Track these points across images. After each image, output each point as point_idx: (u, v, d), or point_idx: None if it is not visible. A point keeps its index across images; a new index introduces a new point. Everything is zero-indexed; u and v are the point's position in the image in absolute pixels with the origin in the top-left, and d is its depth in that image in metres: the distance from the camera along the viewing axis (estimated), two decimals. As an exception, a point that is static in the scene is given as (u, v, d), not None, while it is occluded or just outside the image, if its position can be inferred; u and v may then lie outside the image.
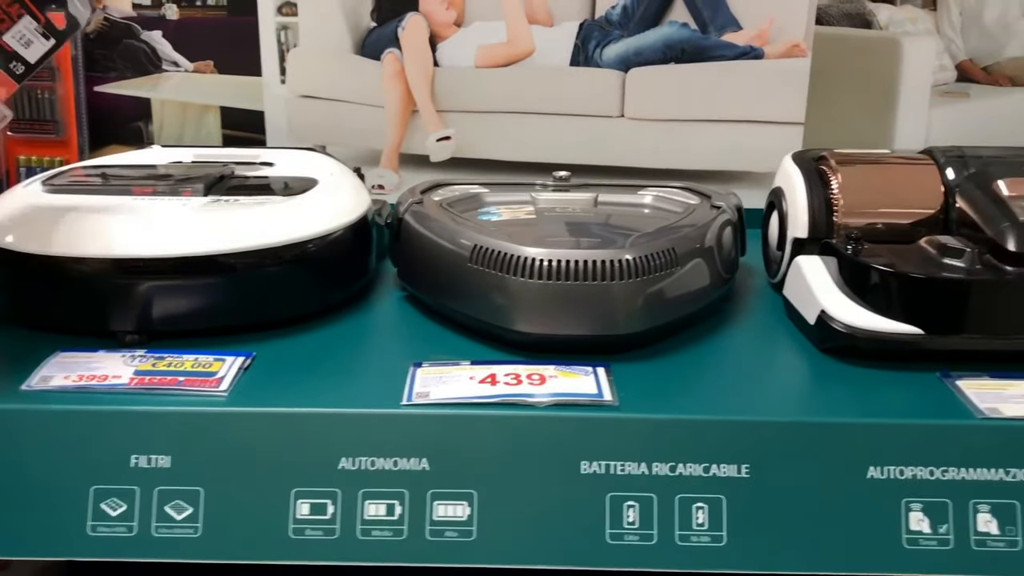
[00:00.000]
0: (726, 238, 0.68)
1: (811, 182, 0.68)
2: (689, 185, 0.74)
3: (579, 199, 0.73)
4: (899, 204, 0.66)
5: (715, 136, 0.86)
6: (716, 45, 0.84)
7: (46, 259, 0.59)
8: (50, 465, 0.52)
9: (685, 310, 0.63)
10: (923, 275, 0.58)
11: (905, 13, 0.83)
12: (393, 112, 0.87)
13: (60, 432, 0.52)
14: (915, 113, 0.85)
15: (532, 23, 0.85)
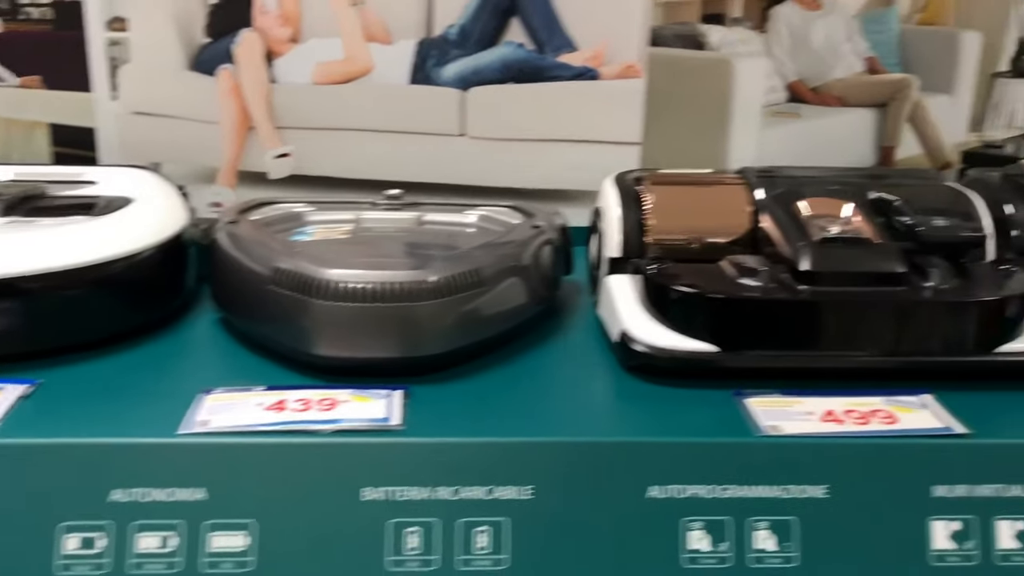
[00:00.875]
0: (544, 257, 0.68)
1: (626, 202, 0.69)
2: (516, 204, 0.75)
3: (404, 218, 0.72)
4: (708, 224, 0.67)
5: (555, 155, 0.87)
6: (553, 66, 0.85)
7: None
8: None
9: (494, 330, 0.63)
10: (714, 293, 0.59)
11: (735, 34, 0.85)
12: (229, 129, 0.86)
13: None
14: (748, 132, 0.87)
15: (370, 41, 0.84)
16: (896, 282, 0.60)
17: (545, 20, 0.84)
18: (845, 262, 0.60)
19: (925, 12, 0.85)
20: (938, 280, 0.60)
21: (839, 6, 0.85)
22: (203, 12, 0.84)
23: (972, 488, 0.53)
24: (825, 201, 0.66)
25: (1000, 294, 0.60)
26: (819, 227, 0.63)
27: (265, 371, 0.61)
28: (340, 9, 0.84)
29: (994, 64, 0.86)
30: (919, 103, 0.87)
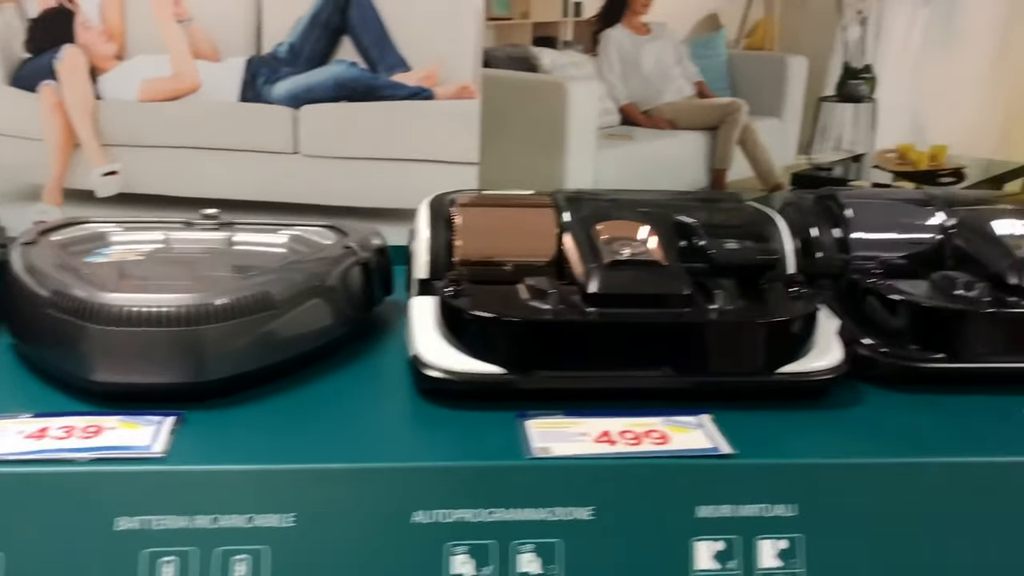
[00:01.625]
0: (352, 278, 0.68)
1: (435, 224, 0.69)
2: (333, 224, 0.74)
3: (213, 239, 0.71)
4: (514, 246, 0.67)
5: (390, 174, 0.87)
6: (386, 85, 0.85)
7: None
8: None
9: (289, 353, 0.62)
10: (500, 315, 0.59)
11: (567, 58, 0.86)
12: (54, 146, 0.84)
13: None
14: (583, 153, 0.88)
15: (197, 58, 0.83)
16: (680, 304, 0.61)
17: (377, 39, 0.84)
18: (631, 284, 0.61)
19: (752, 38, 0.87)
20: (722, 302, 0.62)
21: (668, 31, 0.86)
22: (22, 26, 0.82)
23: (736, 508, 0.54)
24: (624, 224, 0.66)
25: (780, 316, 0.61)
26: (612, 250, 0.64)
27: (48, 398, 0.59)
28: (166, 25, 0.83)
29: (820, 88, 0.88)
30: (748, 126, 0.89)
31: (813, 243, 0.74)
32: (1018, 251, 0.68)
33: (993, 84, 0.89)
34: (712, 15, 0.87)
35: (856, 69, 0.87)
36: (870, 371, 0.66)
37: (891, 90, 0.89)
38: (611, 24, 0.86)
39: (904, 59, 0.88)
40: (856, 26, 0.86)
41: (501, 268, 0.66)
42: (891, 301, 0.66)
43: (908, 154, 0.92)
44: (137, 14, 0.83)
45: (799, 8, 0.86)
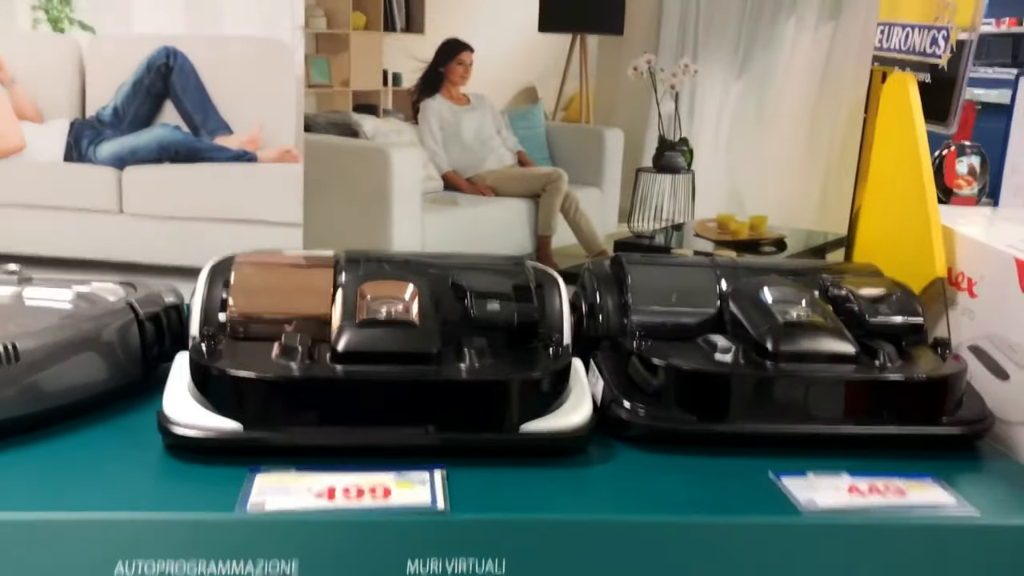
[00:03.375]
0: (127, 335, 0.69)
1: (213, 282, 0.70)
2: (128, 281, 0.76)
3: (3, 294, 0.73)
4: (286, 304, 0.69)
5: (215, 234, 0.88)
6: (209, 148, 0.87)
7: None
8: None
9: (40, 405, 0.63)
10: (240, 373, 0.60)
11: (389, 125, 0.89)
12: None
13: None
14: (408, 217, 0.90)
15: (21, 119, 0.86)
16: (427, 362, 0.63)
17: (199, 104, 0.87)
18: (377, 342, 0.62)
19: (568, 110, 0.90)
20: (471, 360, 0.63)
21: (487, 102, 0.89)
22: None
23: (445, 563, 0.55)
24: (390, 284, 0.68)
25: (521, 374, 0.63)
26: (371, 308, 0.65)
27: None
28: (-12, 87, 0.86)
29: (638, 160, 0.91)
30: (570, 195, 0.91)
31: (597, 307, 0.76)
32: (783, 316, 0.70)
33: (807, 161, 0.92)
34: (529, 88, 0.90)
35: (672, 142, 0.90)
36: (626, 432, 0.67)
37: (708, 162, 0.91)
38: (430, 94, 0.89)
39: (719, 133, 0.91)
40: (670, 101, 0.89)
41: (272, 326, 0.67)
42: (651, 364, 0.68)
43: (728, 224, 0.95)
44: (-40, 76, 0.86)
45: (613, 83, 0.89)
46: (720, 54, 0.90)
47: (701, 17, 0.89)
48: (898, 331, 0.73)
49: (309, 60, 0.87)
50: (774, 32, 0.89)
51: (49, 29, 0.85)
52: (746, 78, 0.90)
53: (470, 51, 0.88)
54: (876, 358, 0.69)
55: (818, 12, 0.89)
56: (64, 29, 0.85)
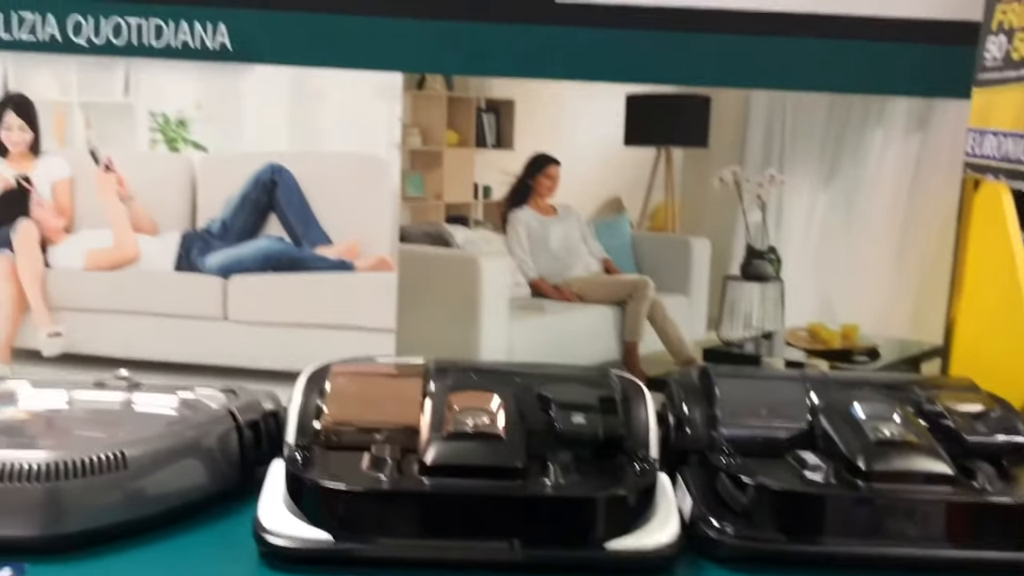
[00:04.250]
0: (228, 441, 0.72)
1: (309, 390, 0.73)
2: (229, 387, 0.79)
3: (113, 399, 0.76)
4: (378, 414, 0.70)
5: (313, 340, 0.92)
6: (310, 258, 0.91)
7: None
8: None
9: (148, 510, 0.66)
10: (332, 484, 0.62)
11: (479, 235, 0.92)
12: (5, 309, 0.92)
13: None
14: (496, 324, 0.92)
15: (137, 231, 0.92)
16: (512, 476, 0.63)
17: (301, 216, 0.91)
18: (464, 456, 0.64)
19: (654, 220, 0.91)
20: (556, 475, 0.64)
21: (573, 212, 0.92)
22: (-17, 203, 0.93)
23: None
24: (478, 395, 0.70)
25: (605, 491, 0.63)
26: (458, 420, 0.67)
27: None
28: (110, 203, 0.92)
29: (725, 267, 0.92)
30: (656, 302, 0.92)
31: (684, 419, 0.76)
32: (875, 434, 0.68)
33: (899, 270, 0.91)
34: (615, 198, 0.92)
35: (759, 250, 0.90)
36: (715, 551, 0.66)
37: (797, 270, 0.91)
38: (518, 205, 0.92)
39: (807, 241, 0.91)
40: (756, 210, 0.90)
41: (365, 435, 0.69)
42: (740, 481, 0.67)
43: (820, 333, 0.93)
44: (85, 193, 0.92)
45: (699, 193, 0.90)
46: (807, 164, 0.90)
47: (787, 128, 0.90)
48: (998, 450, 0.71)
49: (404, 175, 0.92)
50: (861, 142, 0.90)
51: (165, 149, 0.91)
52: (833, 187, 0.91)
53: (557, 164, 0.91)
54: (974, 479, 0.67)
55: (906, 122, 0.89)
56: (179, 149, 0.91)
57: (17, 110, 0.90)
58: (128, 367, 0.85)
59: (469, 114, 0.91)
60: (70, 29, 0.88)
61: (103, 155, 0.91)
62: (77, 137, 0.91)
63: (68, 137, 0.91)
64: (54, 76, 0.89)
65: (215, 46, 0.88)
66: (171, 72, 0.89)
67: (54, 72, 0.89)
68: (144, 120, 0.90)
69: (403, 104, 0.89)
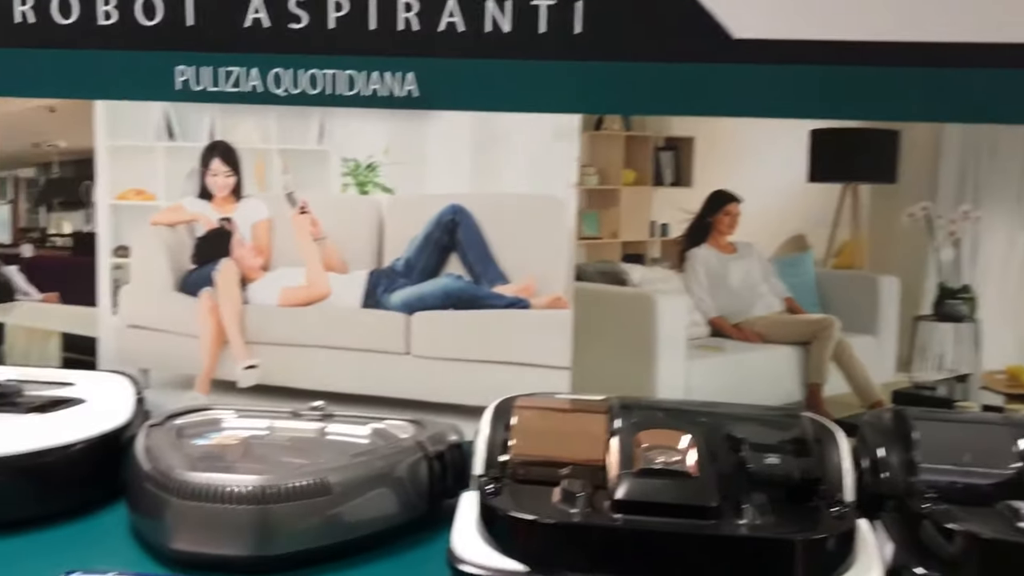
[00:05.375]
0: (418, 471, 0.74)
1: (496, 423, 0.74)
2: (415, 419, 0.81)
3: (309, 428, 0.80)
4: (563, 449, 0.71)
5: (491, 375, 0.94)
6: (488, 296, 0.93)
7: None
8: None
9: (345, 536, 0.68)
10: (526, 516, 0.63)
11: (655, 273, 0.91)
12: (207, 343, 0.98)
13: None
14: (673, 363, 0.91)
15: (328, 270, 0.96)
16: (706, 516, 0.62)
17: (480, 256, 0.93)
18: (656, 493, 0.63)
19: (840, 257, 0.89)
20: (751, 516, 0.62)
21: (754, 250, 0.90)
22: (191, 243, 0.99)
23: None
24: (666, 433, 0.69)
25: (803, 534, 0.61)
26: (647, 458, 0.66)
27: (135, 559, 0.68)
28: (304, 243, 0.97)
29: (916, 307, 0.88)
30: (842, 342, 0.89)
31: (880, 463, 0.73)
32: (1096, 483, 0.64)
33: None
34: (798, 236, 0.90)
35: (953, 289, 0.86)
36: (920, 601, 0.63)
37: (994, 310, 0.86)
38: (697, 244, 0.91)
39: (1006, 281, 0.86)
40: (949, 247, 0.86)
41: (550, 469, 0.70)
42: (946, 529, 0.63)
43: (1020, 376, 0.88)
44: (281, 233, 0.98)
45: (887, 230, 0.87)
46: (1004, 200, 0.86)
47: (982, 162, 0.86)
48: None
49: (581, 214, 0.93)
50: (1065, 175, 0.85)
51: (356, 192, 0.96)
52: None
53: (737, 202, 0.90)
54: None
55: (1117, 152, 0.84)
56: (368, 191, 0.96)
57: (223, 157, 0.97)
58: (317, 398, 0.89)
59: (647, 152, 0.91)
60: (270, 81, 0.94)
61: (299, 198, 0.96)
62: (275, 181, 0.97)
63: (267, 181, 0.97)
64: (256, 125, 0.96)
65: (403, 93, 0.92)
66: (361, 119, 0.94)
67: (256, 121, 0.95)
68: (336, 165, 0.95)
69: (581, 144, 0.91)
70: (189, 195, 0.98)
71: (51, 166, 1.00)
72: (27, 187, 1.01)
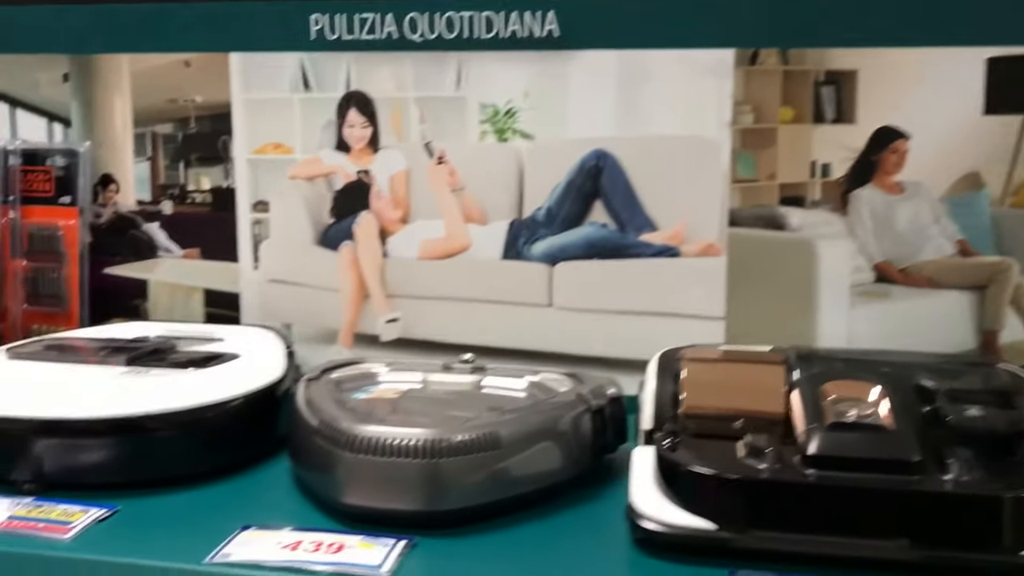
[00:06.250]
0: (581, 425, 0.71)
1: (663, 376, 0.71)
2: (571, 372, 0.79)
3: (464, 381, 0.78)
4: (739, 402, 0.67)
5: (637, 327, 0.90)
6: (634, 244, 0.90)
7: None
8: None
9: (516, 491, 0.66)
10: (713, 471, 0.60)
11: (816, 217, 0.86)
12: (347, 296, 0.97)
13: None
14: (835, 312, 0.86)
15: (468, 222, 0.94)
16: (907, 471, 0.58)
17: (626, 202, 0.90)
18: (852, 447, 0.59)
19: (1018, 196, 0.82)
20: (957, 472, 0.58)
21: (923, 189, 0.84)
22: (329, 197, 0.98)
23: None
24: (854, 385, 0.65)
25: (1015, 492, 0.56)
26: (837, 411, 0.62)
27: (305, 514, 0.67)
28: (442, 195, 0.94)
29: (1105, 248, 0.81)
30: (1021, 286, 0.83)
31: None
32: None
33: None
34: (972, 173, 0.83)
35: None
36: None
37: None
38: (861, 184, 0.85)
39: None
40: None
41: (725, 423, 0.67)
42: None
43: None
44: (419, 185, 0.96)
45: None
46: None
47: None
48: None
49: (735, 156, 0.88)
50: None
51: (494, 140, 0.93)
52: None
53: (905, 139, 0.84)
54: None
55: None
56: (507, 139, 0.93)
57: (359, 107, 0.94)
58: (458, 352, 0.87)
59: (806, 88, 0.86)
60: (406, 27, 0.91)
61: (436, 148, 0.94)
62: (412, 131, 0.95)
63: (404, 131, 0.95)
64: (391, 73, 0.93)
65: (543, 34, 0.89)
66: (500, 63, 0.90)
67: (391, 69, 0.93)
68: (474, 112, 0.92)
69: (735, 81, 0.86)
70: (326, 148, 0.96)
71: (188, 121, 1.00)
72: (165, 143, 1.01)
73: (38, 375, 0.76)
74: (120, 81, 1.00)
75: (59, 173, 0.99)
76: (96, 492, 0.69)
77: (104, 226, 1.02)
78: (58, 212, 0.99)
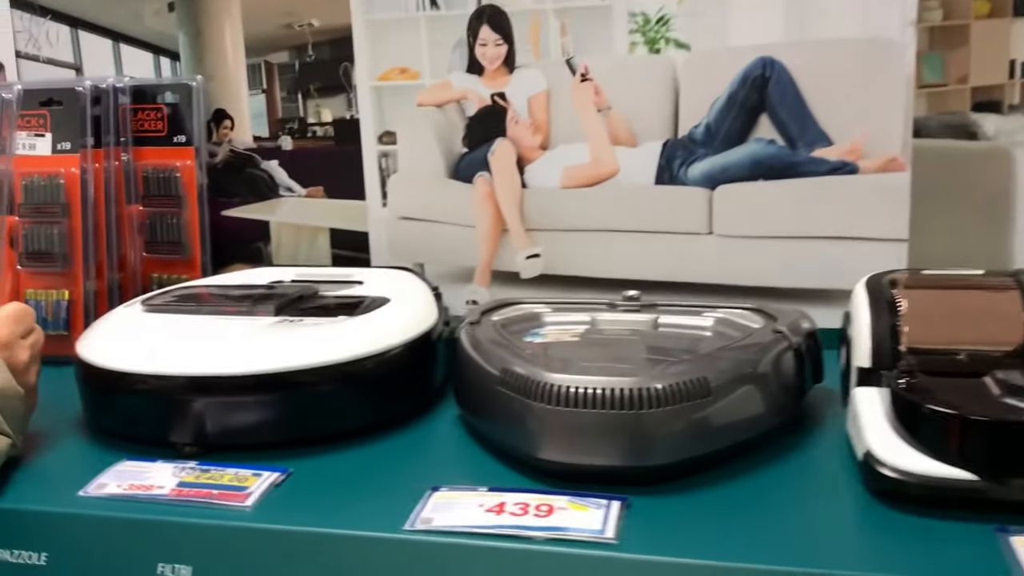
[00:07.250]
0: (785, 365, 0.64)
1: (877, 307, 0.63)
2: (758, 306, 0.71)
3: (639, 320, 0.72)
4: (971, 333, 0.60)
5: (810, 253, 0.82)
6: (806, 161, 0.81)
7: (118, 374, 0.66)
8: (84, 568, 0.56)
9: (725, 441, 0.60)
10: (974, 415, 0.52)
11: (1015, 122, 0.77)
12: (484, 232, 0.90)
13: (97, 537, 0.57)
14: (1035, 229, 0.78)
15: (615, 144, 0.86)
16: None
17: (796, 115, 0.81)
18: None
19: None
20: None
21: None
22: (461, 124, 0.91)
23: None
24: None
25: None
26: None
27: (492, 471, 0.62)
28: (587, 115, 0.86)
29: None
30: None
31: None
32: None
33: None
34: None
35: None
36: None
37: None
38: (1071, 82, 0.76)
39: None
40: None
41: (957, 358, 0.59)
42: None
43: None
44: (561, 106, 0.88)
45: None
46: None
47: None
48: None
49: (921, 57, 0.79)
50: None
51: (645, 51, 0.84)
52: None
53: (1124, 27, 0.74)
54: None
55: None
56: (660, 50, 0.84)
57: (492, 24, 0.86)
58: (604, 287, 0.81)
59: (1007, -25, 0.76)
60: (541, -69, 0.83)
61: (579, 64, 0.86)
62: (552, 47, 0.86)
63: (543, 47, 0.86)
64: (527, -17, 0.85)
65: (699, -70, 0.80)
66: (650, -35, 0.82)
67: (527, -21, 0.85)
68: (622, 22, 0.83)
69: (922, -28, 0.76)
70: (456, 70, 0.89)
71: (305, 48, 0.93)
72: (280, 74, 0.94)
73: (185, 329, 0.70)
74: (230, 7, 0.93)
75: (170, 111, 0.93)
76: (259, 453, 0.64)
77: (220, 166, 0.96)
78: (172, 152, 0.93)
